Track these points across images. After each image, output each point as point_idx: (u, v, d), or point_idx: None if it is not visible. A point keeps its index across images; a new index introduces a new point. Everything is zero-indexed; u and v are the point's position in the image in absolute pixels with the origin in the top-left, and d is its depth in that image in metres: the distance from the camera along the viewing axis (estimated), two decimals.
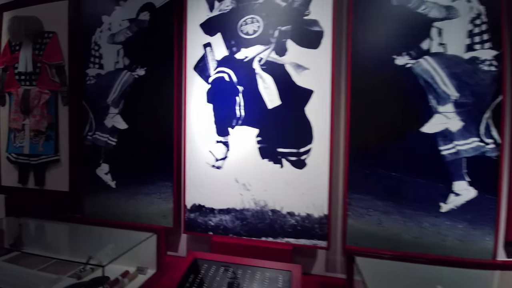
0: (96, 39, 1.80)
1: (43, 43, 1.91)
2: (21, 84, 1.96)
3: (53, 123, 1.92)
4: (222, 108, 1.56)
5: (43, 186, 1.96)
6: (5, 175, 2.05)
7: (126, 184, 1.77)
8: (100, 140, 1.80)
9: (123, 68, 1.75)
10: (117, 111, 1.77)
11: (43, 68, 1.90)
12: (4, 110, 2.04)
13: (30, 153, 1.94)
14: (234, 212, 1.55)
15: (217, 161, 1.57)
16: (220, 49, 1.56)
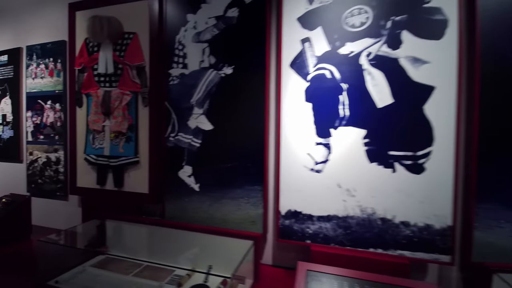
0: (180, 38, 1.75)
1: (124, 44, 1.90)
2: (100, 85, 1.96)
3: (133, 125, 1.90)
4: (323, 108, 1.45)
5: (122, 187, 1.94)
6: (82, 176, 2.06)
7: (210, 187, 1.70)
8: (183, 142, 1.75)
9: (208, 67, 1.69)
10: (201, 112, 1.71)
11: (125, 69, 1.89)
12: (81, 111, 2.06)
13: (110, 155, 1.93)
14: (335, 220, 1.43)
15: (316, 164, 1.46)
16: (321, 44, 1.45)
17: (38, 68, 2.27)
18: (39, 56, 2.26)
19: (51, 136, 2.23)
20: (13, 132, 2.38)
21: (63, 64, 2.18)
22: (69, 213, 2.22)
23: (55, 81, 2.21)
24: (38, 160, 2.28)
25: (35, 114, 2.28)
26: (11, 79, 2.39)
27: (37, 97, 2.27)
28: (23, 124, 2.36)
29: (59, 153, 2.21)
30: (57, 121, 2.21)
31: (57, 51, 2.19)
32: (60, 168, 2.20)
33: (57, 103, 2.20)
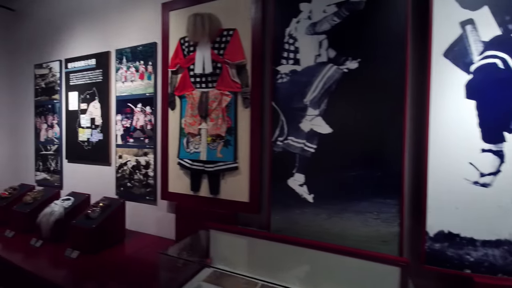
0: (291, 31, 1.57)
1: (223, 41, 1.78)
2: (196, 86, 1.86)
3: (232, 128, 1.77)
4: (492, 106, 1.16)
5: (217, 194, 1.82)
6: (174, 181, 1.99)
7: (328, 199, 1.49)
8: (294, 146, 1.57)
9: (326, 62, 1.49)
10: (317, 113, 1.51)
11: (224, 68, 1.77)
12: (174, 114, 1.99)
13: (207, 159, 1.82)
14: (507, 245, 1.13)
15: (483, 176, 1.17)
16: (488, 27, 1.16)
17: (128, 72, 2.26)
18: (129, 59, 2.25)
19: (140, 139, 2.21)
20: (102, 136, 2.42)
21: (154, 67, 2.14)
22: (158, 217, 2.17)
23: (145, 84, 2.18)
24: (127, 163, 2.27)
25: (125, 118, 2.28)
26: (100, 83, 2.43)
27: (127, 101, 2.27)
28: (112, 128, 2.38)
29: (149, 157, 2.17)
30: (147, 124, 2.18)
31: (148, 53, 2.16)
32: (150, 172, 2.17)
33: (148, 106, 2.17)
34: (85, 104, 2.52)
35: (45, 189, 2.40)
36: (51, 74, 2.77)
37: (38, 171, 2.89)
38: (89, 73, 2.50)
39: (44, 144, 2.83)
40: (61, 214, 2.01)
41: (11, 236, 2.10)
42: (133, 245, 1.97)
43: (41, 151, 2.86)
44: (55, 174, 2.76)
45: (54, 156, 2.76)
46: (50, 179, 2.79)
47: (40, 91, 2.86)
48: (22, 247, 1.92)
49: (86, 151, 2.52)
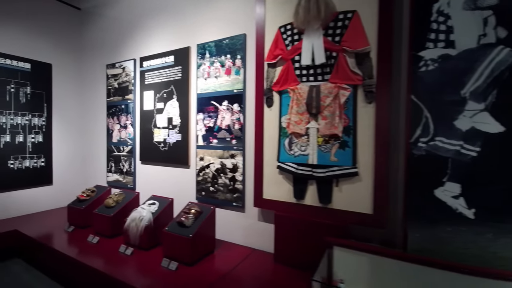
0: (441, 7, 1.28)
1: (338, 26, 1.53)
2: (302, 80, 1.64)
3: (349, 127, 1.51)
4: None
5: (329, 204, 1.58)
6: (271, 187, 1.78)
7: (496, 215, 1.18)
8: (445, 149, 1.27)
9: (495, 43, 1.18)
10: (482, 107, 1.20)
11: (341, 57, 1.52)
12: (270, 112, 1.78)
13: (318, 163, 1.58)
14: None
15: None
16: None
17: (211, 67, 2.10)
18: (213, 54, 2.09)
19: (226, 140, 2.03)
20: (181, 136, 2.29)
21: (243, 60, 1.95)
22: (246, 226, 1.98)
23: (233, 79, 2.00)
24: (210, 166, 2.11)
25: (208, 117, 2.12)
26: (179, 81, 2.31)
27: (209, 98, 2.11)
28: (192, 128, 2.24)
29: (236, 159, 1.99)
30: (234, 124, 2.00)
31: (236, 46, 1.98)
32: (238, 176, 1.98)
33: (235, 103, 1.99)
34: (162, 103, 2.41)
35: (125, 192, 2.31)
36: (124, 74, 2.72)
37: (109, 172, 2.85)
38: (166, 71, 2.39)
39: (116, 145, 2.79)
40: (150, 220, 1.89)
41: (96, 242, 2.02)
42: (228, 257, 1.78)
43: (113, 152, 2.82)
44: (128, 175, 2.70)
45: (127, 158, 2.70)
46: (123, 181, 2.73)
47: (112, 91, 2.82)
48: (112, 255, 1.81)
49: (162, 152, 2.41)
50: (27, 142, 2.71)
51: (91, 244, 1.99)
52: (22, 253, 2.33)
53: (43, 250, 2.05)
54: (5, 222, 2.46)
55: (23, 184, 2.68)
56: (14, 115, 2.61)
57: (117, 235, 2.11)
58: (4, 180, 2.54)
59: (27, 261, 2.29)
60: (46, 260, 2.06)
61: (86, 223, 2.29)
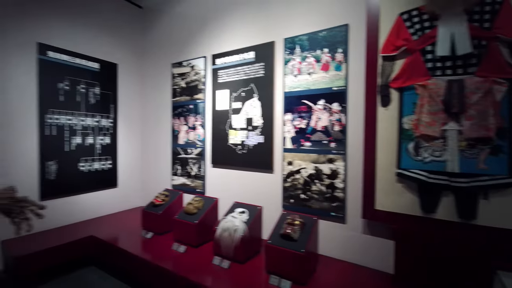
0: None
1: (486, 10, 1.29)
2: (435, 74, 1.41)
3: (504, 129, 1.27)
4: None
5: (472, 219, 1.34)
6: (386, 197, 1.56)
7: None
8: None
9: None
10: None
11: (493, 47, 1.28)
12: (386, 112, 1.56)
13: (459, 171, 1.35)
14: None
15: None
16: None
17: (303, 63, 1.92)
18: (305, 49, 1.91)
19: (323, 143, 1.84)
20: (263, 138, 2.12)
21: (345, 54, 1.75)
22: (345, 239, 1.77)
23: (332, 76, 1.80)
24: (301, 171, 1.93)
25: (298, 117, 1.94)
26: (261, 78, 2.14)
27: (300, 97, 1.93)
28: (277, 129, 2.07)
29: (336, 164, 1.79)
30: (333, 125, 1.80)
31: (337, 38, 1.78)
32: (338, 183, 1.78)
33: (335, 102, 1.79)
34: (239, 103, 2.26)
35: (205, 199, 2.18)
36: (193, 73, 2.59)
37: (175, 175, 2.74)
38: (244, 68, 2.23)
39: (183, 147, 2.67)
40: (244, 230, 1.73)
41: (183, 251, 1.89)
42: (336, 275, 1.58)
43: (179, 154, 2.71)
44: (196, 179, 2.57)
45: (196, 160, 2.57)
46: (191, 185, 2.61)
47: (179, 91, 2.71)
48: (207, 267, 1.67)
49: (240, 155, 2.26)
50: (96, 144, 2.65)
51: (178, 254, 1.86)
52: (97, 260, 2.26)
53: (124, 257, 1.94)
54: (76, 226, 2.40)
55: (92, 186, 2.63)
56: (85, 116, 2.56)
57: (202, 244, 1.99)
58: (75, 183, 2.49)
59: (102, 268, 2.22)
60: (126, 268, 1.96)
61: (163, 229, 2.18)
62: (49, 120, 2.31)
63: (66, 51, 2.42)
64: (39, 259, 1.89)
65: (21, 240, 2.00)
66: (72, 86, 2.46)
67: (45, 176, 2.28)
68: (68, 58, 2.44)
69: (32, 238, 2.07)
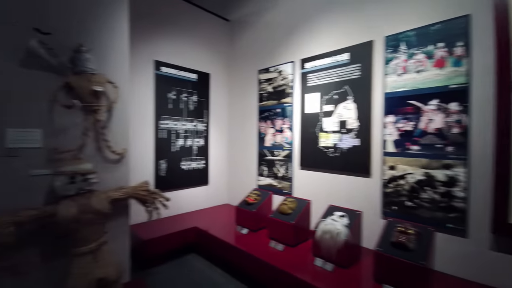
0: None
1: None
2: None
3: None
4: None
5: None
6: None
7: None
8: None
9: None
10: None
11: None
12: None
13: None
14: None
15: None
16: None
17: (410, 61, 1.79)
18: (413, 45, 1.78)
19: (436, 147, 1.68)
20: (360, 141, 2.06)
21: (468, 48, 1.57)
22: (466, 254, 1.57)
23: (448, 72, 1.64)
24: (407, 176, 1.80)
25: (403, 119, 1.82)
26: (356, 80, 2.09)
27: (406, 98, 1.80)
28: (375, 131, 1.98)
29: (454, 171, 1.61)
30: (450, 127, 1.63)
31: (454, 31, 1.61)
32: (458, 192, 1.60)
33: (452, 102, 1.62)
34: (331, 105, 2.25)
35: (297, 200, 2.24)
36: (281, 77, 2.70)
37: (261, 176, 2.89)
38: (337, 70, 2.21)
39: (270, 149, 2.79)
40: (347, 235, 1.70)
41: (281, 249, 1.97)
42: None
43: (265, 156, 2.85)
44: (284, 180, 2.65)
45: (283, 162, 2.66)
46: (278, 186, 2.71)
47: (266, 96, 2.85)
48: (308, 267, 1.71)
49: (331, 158, 2.24)
50: (193, 146, 2.99)
51: (277, 251, 1.95)
52: (198, 248, 2.53)
53: (225, 248, 2.13)
54: (180, 217, 2.74)
55: (190, 183, 2.97)
56: (185, 121, 2.92)
57: (298, 243, 2.04)
58: (177, 179, 2.85)
59: (202, 255, 2.48)
60: (227, 257, 2.15)
61: (257, 226, 2.32)
62: (161, 125, 2.71)
63: (173, 65, 2.81)
64: (159, 243, 2.23)
65: (143, 225, 2.38)
66: (177, 95, 2.84)
67: (158, 173, 2.68)
68: (175, 71, 2.82)
69: (151, 225, 2.45)
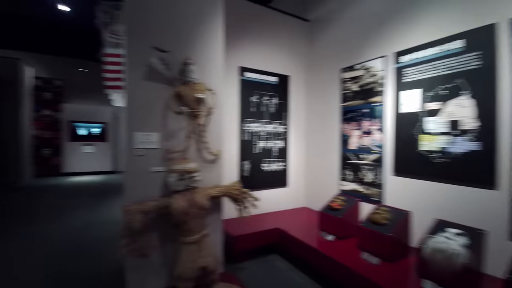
0: None
1: None
2: None
3: None
4: None
5: None
6: None
7: None
8: None
9: None
10: None
11: None
12: None
13: None
14: None
15: None
16: None
17: None
18: None
19: None
20: (481, 145, 1.70)
21: None
22: None
23: None
24: None
25: None
26: (474, 71, 1.74)
27: None
28: (503, 133, 1.61)
29: None
30: None
31: None
32: None
33: None
34: (437, 103, 1.94)
35: (392, 210, 2.02)
36: (368, 75, 2.49)
37: (344, 181, 2.72)
38: (446, 62, 1.89)
39: (355, 153, 2.61)
40: (466, 258, 1.42)
41: (377, 262, 1.80)
42: None
43: (349, 160, 2.67)
44: (372, 187, 2.43)
45: (372, 167, 2.44)
46: (365, 192, 2.50)
47: (350, 95, 2.68)
48: None
49: (437, 165, 1.93)
50: (273, 148, 3.05)
51: (372, 265, 1.78)
52: (279, 249, 2.56)
53: (311, 253, 2.08)
54: (262, 217, 2.81)
55: (270, 184, 3.04)
56: (266, 123, 2.99)
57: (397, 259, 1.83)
58: (259, 180, 2.95)
59: (284, 257, 2.48)
60: (312, 262, 2.09)
61: (344, 234, 2.18)
62: (245, 127, 2.85)
63: (255, 70, 2.92)
64: (245, 240, 2.34)
65: (228, 222, 2.54)
66: (259, 98, 2.94)
67: (242, 173, 2.83)
68: (257, 75, 2.93)
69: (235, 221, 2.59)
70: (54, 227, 3.35)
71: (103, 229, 3.32)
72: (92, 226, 3.44)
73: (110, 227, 3.39)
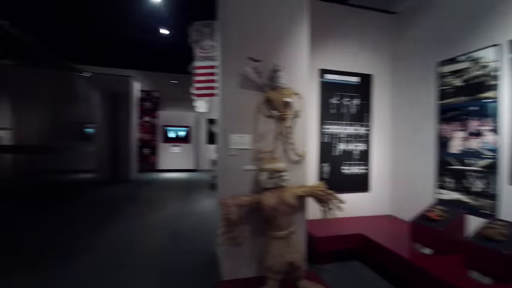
0: None
1: None
2: None
3: None
4: None
5: None
6: None
7: None
8: None
9: None
10: None
11: None
12: None
13: None
14: None
15: None
16: None
17: None
18: None
19: None
20: None
21: None
22: None
23: None
24: None
25: None
26: None
27: None
28: None
29: None
30: None
31: None
32: None
33: None
34: None
35: (509, 225, 1.70)
36: (477, 67, 2.14)
37: (443, 189, 2.40)
38: None
39: (459, 157, 2.28)
40: None
41: (488, 282, 1.54)
42: None
43: (449, 165, 2.35)
44: (481, 197, 2.08)
45: (482, 174, 2.09)
46: (471, 203, 2.15)
47: (452, 92, 2.36)
48: None
49: None
50: (354, 150, 2.94)
51: (484, 286, 1.54)
52: (361, 255, 2.44)
53: (403, 266, 1.92)
54: (343, 221, 2.72)
55: (350, 188, 2.93)
56: (346, 125, 2.91)
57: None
58: (338, 183, 2.87)
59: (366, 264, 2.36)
60: (399, 273, 1.92)
61: (445, 249, 1.94)
62: (324, 129, 2.84)
63: (336, 71, 2.88)
64: (327, 242, 2.33)
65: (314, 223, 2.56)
66: (339, 100, 2.89)
67: (322, 176, 2.82)
68: (337, 77, 2.89)
69: (316, 223, 2.60)
70: (164, 212, 4.16)
71: (193, 220, 3.87)
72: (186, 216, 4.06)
73: (196, 219, 3.92)
